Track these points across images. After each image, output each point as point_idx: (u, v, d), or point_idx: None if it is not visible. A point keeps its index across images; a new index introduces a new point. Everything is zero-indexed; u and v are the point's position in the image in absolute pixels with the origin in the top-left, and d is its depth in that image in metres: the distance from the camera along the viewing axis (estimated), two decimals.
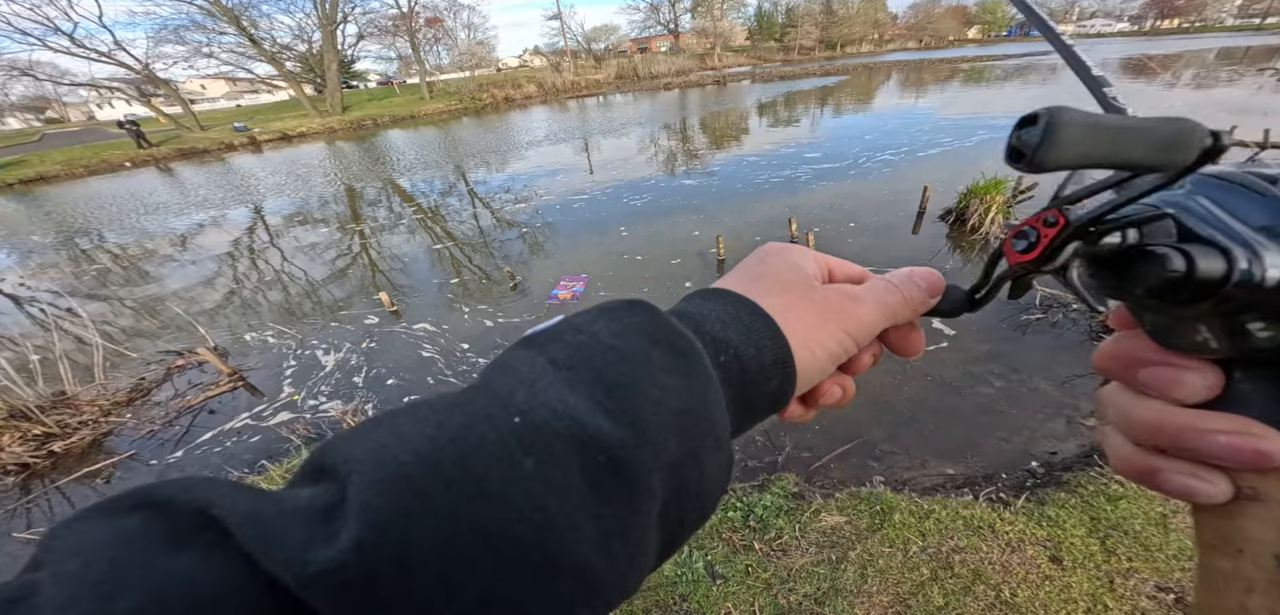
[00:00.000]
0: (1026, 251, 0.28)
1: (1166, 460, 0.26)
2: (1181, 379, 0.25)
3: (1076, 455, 2.79)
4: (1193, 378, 0.25)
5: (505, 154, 15.37)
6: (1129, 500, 2.24)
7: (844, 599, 1.97)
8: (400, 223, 9.14)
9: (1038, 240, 0.27)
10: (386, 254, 7.59)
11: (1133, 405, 0.27)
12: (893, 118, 14.92)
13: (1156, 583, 1.90)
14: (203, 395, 4.21)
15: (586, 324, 0.27)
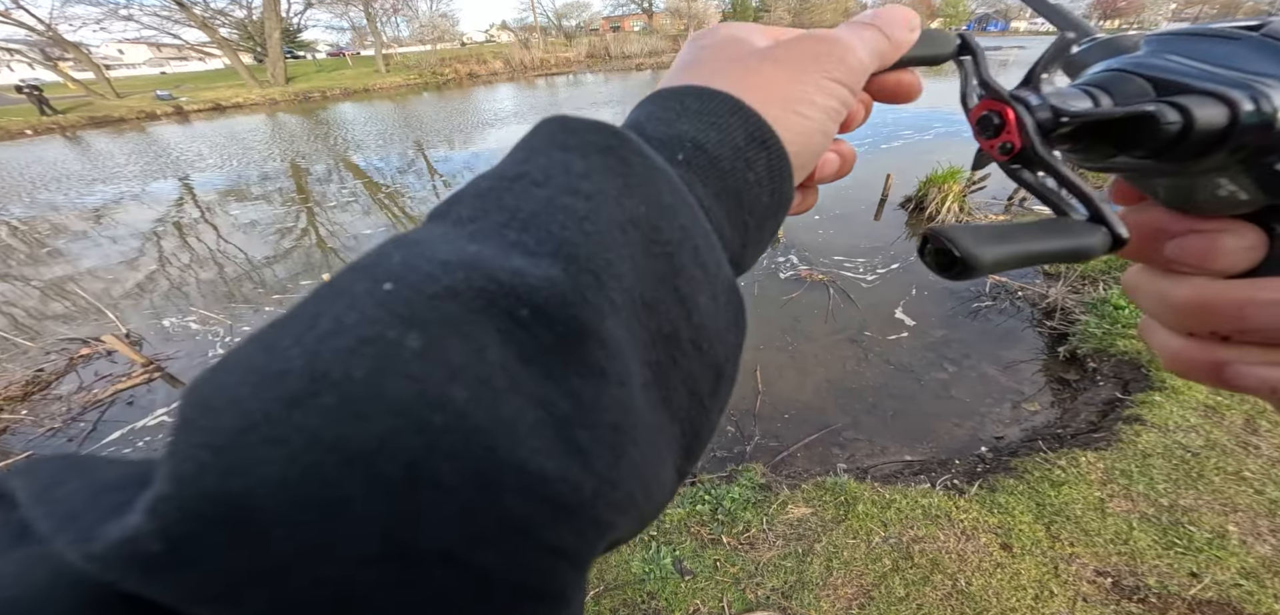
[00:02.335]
0: (994, 136, 0.24)
1: (1233, 348, 0.21)
2: (1218, 244, 0.21)
3: (1021, 440, 2.91)
4: (1229, 240, 0.21)
5: (469, 131, 14.78)
6: (1069, 485, 2.33)
7: (810, 592, 1.96)
8: (354, 201, 8.60)
9: (1001, 124, 0.24)
10: (338, 233, 7.11)
11: (1168, 287, 0.23)
12: None
13: (1096, 567, 1.98)
14: (112, 388, 3.78)
15: (491, 169, 0.20)
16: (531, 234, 0.17)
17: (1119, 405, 2.95)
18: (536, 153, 0.20)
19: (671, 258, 0.18)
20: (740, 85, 0.23)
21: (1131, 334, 3.48)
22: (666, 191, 0.19)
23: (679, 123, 0.22)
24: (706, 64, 0.26)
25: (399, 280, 0.15)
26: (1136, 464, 2.41)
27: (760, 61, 0.25)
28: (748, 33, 0.27)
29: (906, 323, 4.19)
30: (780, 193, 0.23)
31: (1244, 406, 2.69)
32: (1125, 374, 3.24)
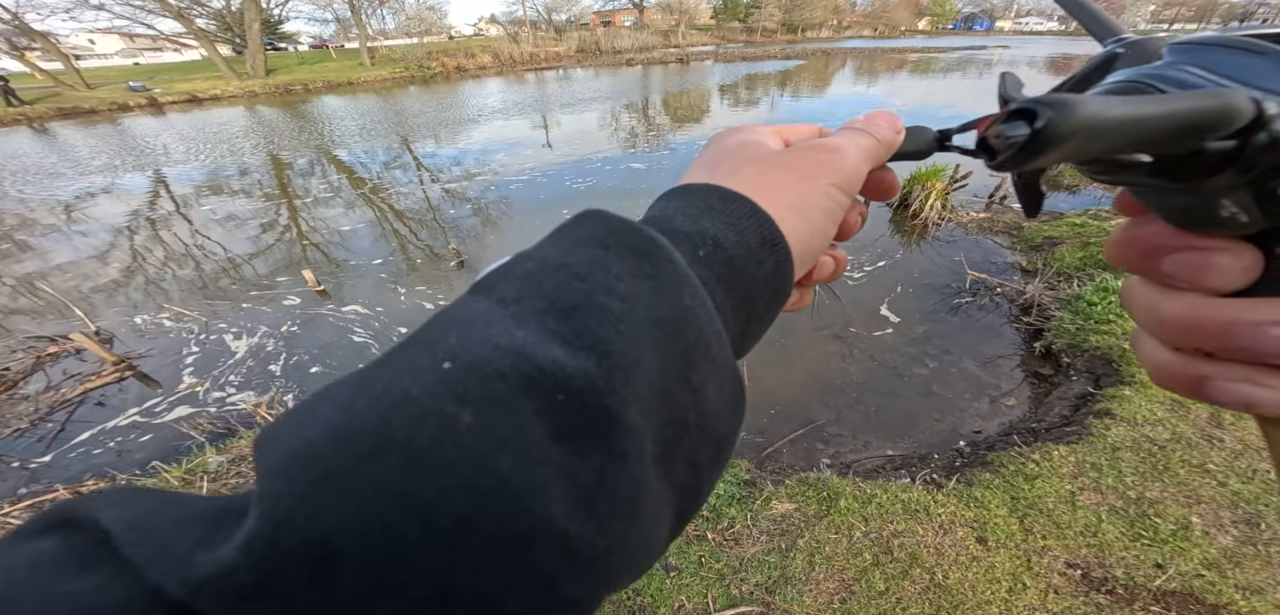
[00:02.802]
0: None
1: (1215, 365, 0.22)
2: (1212, 262, 0.22)
3: (998, 434, 2.97)
4: (1225, 259, 0.21)
5: (456, 126, 14.58)
6: (1042, 479, 2.38)
7: (793, 587, 1.98)
8: (336, 196, 8.44)
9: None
10: (319, 229, 6.98)
11: (1161, 301, 0.24)
12: (845, 105, 15.37)
13: (1066, 559, 2.04)
14: (81, 387, 3.67)
15: (536, 250, 0.23)
16: (571, 325, 0.19)
17: (1090, 400, 3.02)
18: (580, 245, 0.22)
19: (687, 354, 0.21)
20: (756, 187, 0.27)
21: (1104, 330, 3.57)
22: (688, 295, 0.22)
23: (703, 219, 0.25)
24: (727, 164, 0.29)
25: (456, 360, 0.17)
26: (1106, 457, 2.47)
27: (773, 167, 0.28)
28: (763, 137, 0.31)
29: (891, 319, 4.25)
30: (781, 289, 0.26)
31: None
32: (1097, 369, 3.33)
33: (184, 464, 2.76)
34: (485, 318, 0.19)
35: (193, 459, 2.81)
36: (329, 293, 5.07)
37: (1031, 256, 5.22)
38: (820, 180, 0.28)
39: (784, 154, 0.29)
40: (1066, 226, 5.57)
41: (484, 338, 0.18)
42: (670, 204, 0.27)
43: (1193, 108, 0.18)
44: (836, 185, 0.28)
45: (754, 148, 0.30)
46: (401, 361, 0.18)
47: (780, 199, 0.27)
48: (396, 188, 8.75)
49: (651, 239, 0.22)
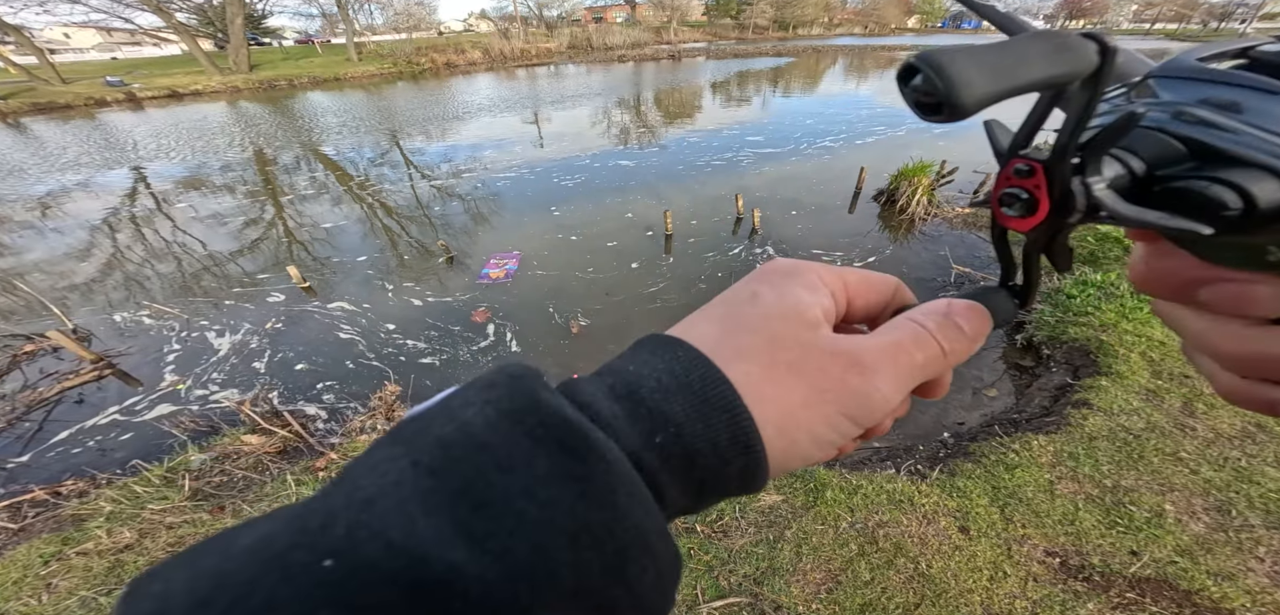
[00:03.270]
0: (1025, 214, 0.23)
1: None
2: (1253, 295, 0.21)
3: (980, 425, 3.02)
4: (1265, 290, 0.20)
5: (446, 122, 14.44)
6: (1022, 468, 2.43)
7: (780, 578, 2.00)
8: (323, 192, 8.33)
9: (1033, 200, 0.22)
10: (305, 226, 6.88)
11: (1211, 332, 0.23)
12: (835, 103, 15.47)
13: (1045, 548, 2.07)
14: (59, 386, 3.59)
15: (459, 406, 0.20)
16: (481, 523, 0.17)
17: (1069, 390, 3.09)
18: (507, 422, 0.20)
19: (621, 553, 0.19)
20: (753, 384, 0.23)
21: (1082, 322, 3.64)
22: (623, 495, 0.20)
23: (674, 401, 0.22)
24: (747, 333, 0.25)
25: (339, 559, 0.16)
26: (1083, 447, 2.52)
27: (791, 359, 0.24)
28: (808, 296, 0.26)
29: None
30: (749, 486, 0.24)
31: (1182, 390, 2.84)
32: (1076, 360, 3.40)
33: (166, 462, 2.72)
34: (389, 496, 0.17)
35: (174, 457, 2.77)
36: (315, 290, 5.01)
37: (1015, 252, 5.32)
38: (829, 406, 0.24)
39: (811, 350, 0.24)
40: None
41: (377, 530, 0.16)
42: (653, 360, 0.24)
43: None
44: (847, 415, 0.24)
45: (785, 324, 0.25)
46: (276, 549, 0.16)
47: (777, 406, 0.23)
48: (385, 184, 8.66)
49: (584, 436, 0.20)
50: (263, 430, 2.83)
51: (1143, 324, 3.52)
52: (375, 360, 3.90)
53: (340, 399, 3.50)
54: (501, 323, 4.33)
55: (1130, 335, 3.42)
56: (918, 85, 0.18)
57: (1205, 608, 1.84)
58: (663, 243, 5.75)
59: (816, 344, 0.24)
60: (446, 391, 0.22)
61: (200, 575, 0.16)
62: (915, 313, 0.27)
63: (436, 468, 0.18)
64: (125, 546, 2.20)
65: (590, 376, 0.24)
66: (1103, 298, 3.90)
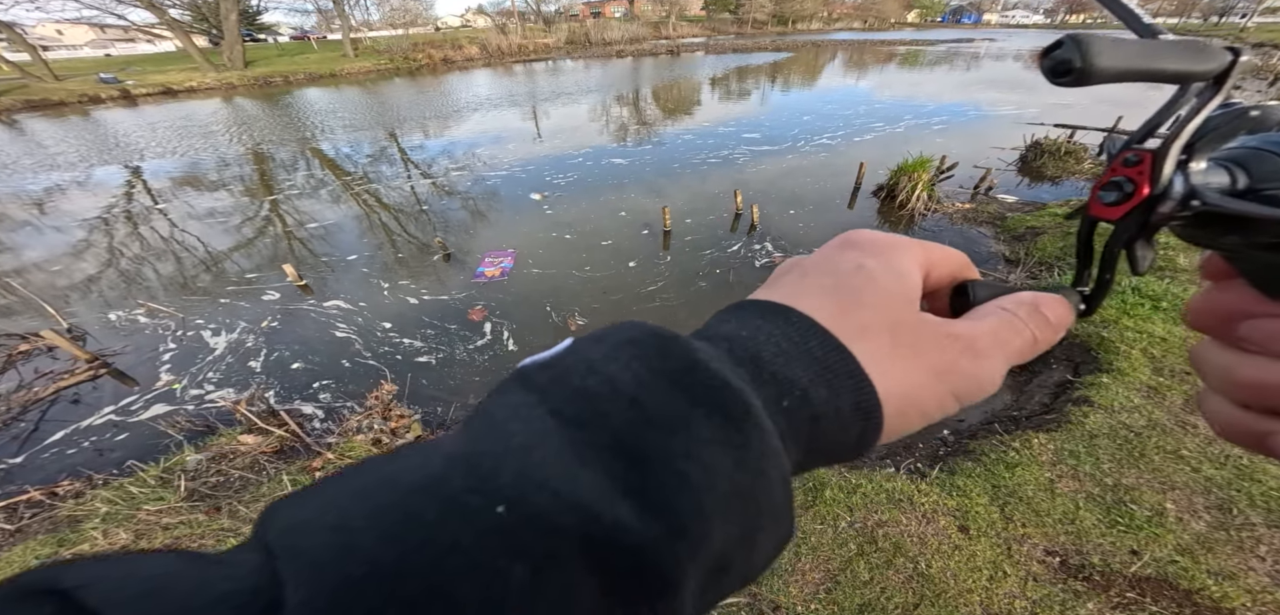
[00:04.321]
0: (1120, 201, 0.24)
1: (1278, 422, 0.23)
2: None
3: (980, 423, 3.00)
4: None
5: (444, 119, 14.38)
6: (1022, 467, 2.41)
7: (779, 578, 1.99)
8: (319, 190, 8.29)
9: (1133, 187, 0.24)
10: (301, 223, 6.84)
11: (1235, 364, 0.24)
12: (833, 98, 15.40)
13: (1045, 547, 2.06)
14: (54, 386, 3.57)
15: (601, 360, 0.20)
16: (641, 478, 0.18)
17: (1070, 388, 3.07)
18: (660, 382, 0.20)
19: (756, 519, 0.20)
20: (878, 361, 0.23)
21: (1083, 319, 3.63)
22: (771, 465, 0.20)
23: (796, 365, 0.22)
24: (862, 308, 0.25)
25: (511, 507, 0.16)
26: (1084, 444, 2.51)
27: (912, 337, 0.25)
28: (905, 265, 0.27)
29: None
30: (861, 449, 0.24)
31: (1184, 387, 2.83)
32: (1076, 357, 3.38)
33: (161, 463, 2.71)
34: (541, 445, 0.18)
35: (170, 457, 2.76)
36: (311, 287, 4.98)
37: (1014, 247, 5.29)
38: (945, 385, 0.24)
39: (924, 328, 0.25)
40: (1047, 217, 5.65)
41: (541, 479, 0.17)
42: (765, 327, 0.24)
43: None
44: (957, 396, 0.25)
45: (894, 301, 0.25)
46: (454, 488, 0.17)
47: (900, 384, 0.23)
48: (381, 181, 8.62)
49: (747, 405, 0.20)
50: (259, 430, 2.81)
51: (1144, 320, 3.51)
52: (371, 359, 3.88)
53: (336, 398, 3.49)
54: (498, 321, 4.31)
55: (1131, 332, 3.41)
56: (1058, 54, 0.21)
57: (1206, 607, 1.82)
58: (660, 240, 5.73)
59: (935, 326, 0.25)
60: (568, 342, 0.22)
61: (381, 511, 0.16)
62: (1006, 301, 0.28)
63: (583, 419, 0.19)
64: (122, 548, 2.18)
65: (700, 340, 0.23)
66: None
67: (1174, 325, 3.43)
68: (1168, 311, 3.59)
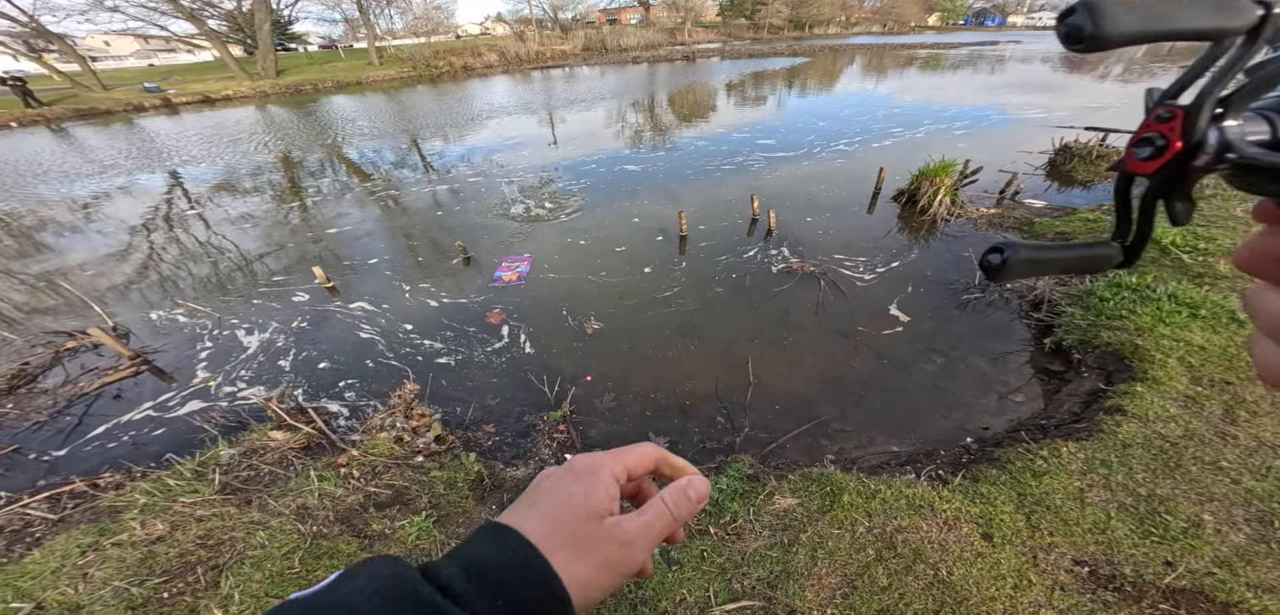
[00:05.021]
0: (1153, 156, 0.25)
1: None
2: None
3: (1005, 431, 2.92)
4: None
5: (463, 125, 14.66)
6: (1051, 476, 2.34)
7: (795, 582, 1.97)
8: (345, 194, 8.54)
9: (1165, 143, 0.25)
10: (328, 227, 7.05)
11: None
12: (850, 103, 15.21)
13: (1073, 556, 1.99)
14: (98, 381, 3.75)
15: (351, 594, 0.29)
16: None
17: (1101, 396, 2.96)
18: (392, 612, 0.29)
19: None
20: (566, 564, 0.35)
21: (1116, 326, 3.50)
22: None
23: (510, 573, 0.33)
24: (561, 530, 0.37)
25: None
26: (1116, 454, 2.42)
27: (588, 551, 0.36)
28: (594, 495, 0.39)
29: (900, 318, 4.21)
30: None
31: (1223, 397, 2.71)
32: (1109, 365, 3.26)
33: (197, 457, 2.82)
34: None
35: (205, 452, 2.87)
36: (337, 289, 5.13)
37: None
38: (610, 572, 0.37)
39: (598, 538, 0.37)
40: (1078, 221, 5.48)
41: None
42: (491, 547, 0.35)
43: None
44: (621, 573, 0.38)
45: (586, 525, 0.37)
46: None
47: (578, 576, 0.35)
48: (403, 186, 8.83)
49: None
50: (288, 426, 2.91)
51: (1181, 328, 3.37)
52: (393, 360, 3.98)
53: (361, 397, 3.58)
54: (516, 324, 4.37)
55: (1167, 340, 3.27)
56: (1071, 21, 0.22)
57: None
58: (676, 246, 5.74)
59: (605, 533, 0.38)
60: (333, 577, 0.31)
61: None
62: (666, 491, 0.42)
63: None
64: (157, 538, 2.28)
65: (448, 560, 0.34)
66: (1138, 301, 3.73)
67: (1214, 333, 3.28)
68: (1207, 319, 3.44)
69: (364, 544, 2.26)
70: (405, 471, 2.69)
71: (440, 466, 2.77)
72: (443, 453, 2.90)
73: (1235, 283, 3.84)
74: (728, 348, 3.92)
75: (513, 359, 3.94)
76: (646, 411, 3.31)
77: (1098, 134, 8.75)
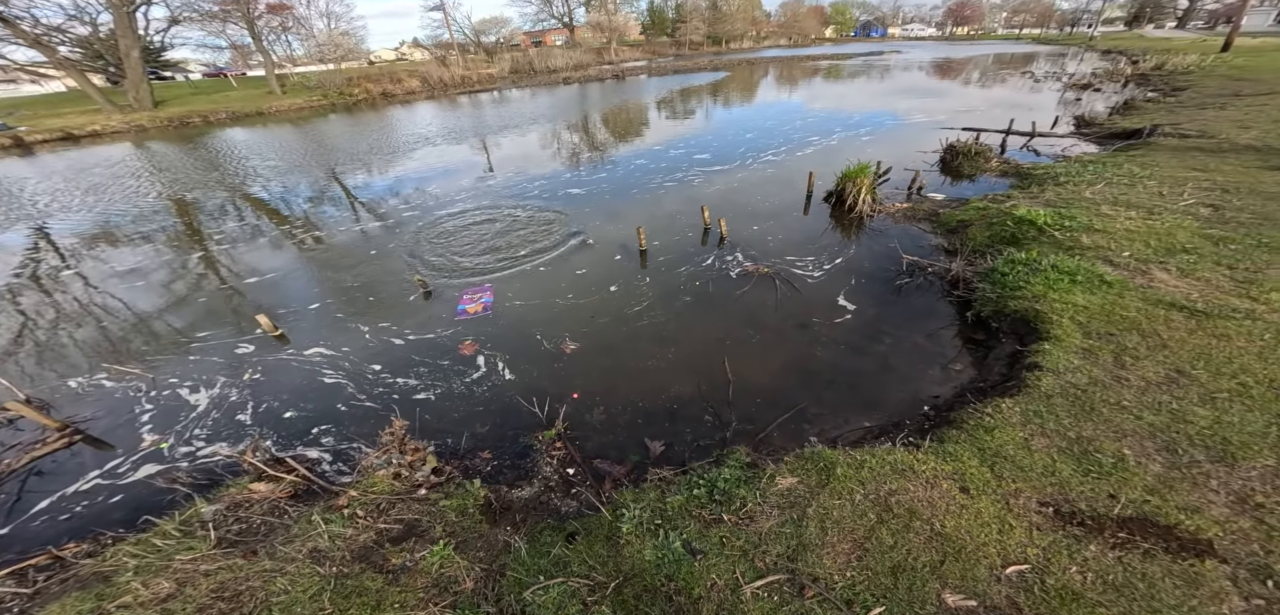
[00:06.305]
0: None
1: None
2: None
3: (953, 396, 3.33)
4: None
5: (389, 155, 13.93)
6: (1000, 430, 2.68)
7: (812, 553, 2.13)
8: (259, 238, 7.84)
9: None
10: (247, 275, 6.45)
11: None
12: (771, 114, 16.35)
13: (1038, 499, 2.28)
14: (27, 456, 3.24)
15: None
16: None
17: (1021, 356, 3.45)
18: None
19: None
20: None
21: (1018, 296, 4.09)
22: None
23: None
24: None
25: None
26: (1044, 405, 2.83)
27: None
28: None
29: (848, 308, 4.66)
30: None
31: (1111, 346, 3.28)
32: (1020, 330, 3.80)
33: (177, 517, 2.60)
34: None
35: (184, 510, 2.65)
36: (287, 337, 4.75)
37: (950, 238, 5.88)
38: None
39: None
40: (972, 211, 6.31)
41: None
42: None
43: None
44: None
45: None
46: None
47: None
48: (329, 224, 8.28)
49: None
50: (269, 477, 2.70)
51: (1066, 293, 3.97)
52: (368, 401, 3.77)
53: (341, 440, 3.38)
54: (491, 353, 4.30)
55: (1059, 303, 3.85)
56: None
57: (1187, 540, 2.05)
58: (637, 261, 5.91)
59: None
60: None
61: None
62: None
63: None
64: (167, 596, 2.08)
65: None
66: (1030, 273, 4.36)
67: (1091, 294, 3.92)
68: (1083, 283, 4.08)
69: (389, 579, 2.17)
70: (411, 505, 2.60)
71: (447, 496, 2.71)
72: (444, 483, 2.83)
73: (1099, 251, 4.65)
74: (703, 350, 4.13)
75: (495, 386, 3.88)
76: (638, 420, 3.42)
77: (973, 133, 10.20)
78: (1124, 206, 5.68)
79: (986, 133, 10.48)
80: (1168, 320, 3.50)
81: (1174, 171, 6.70)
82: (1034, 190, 6.78)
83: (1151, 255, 4.48)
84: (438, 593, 2.12)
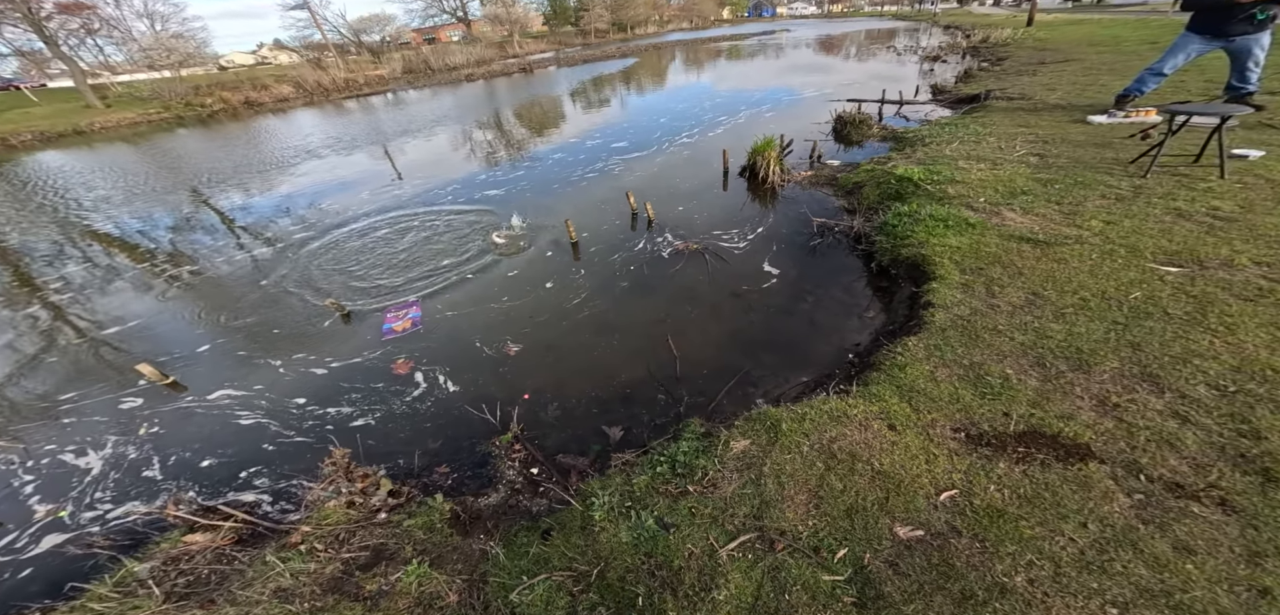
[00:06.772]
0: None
1: None
2: None
3: (871, 341, 3.73)
4: None
5: (268, 171, 12.39)
6: (910, 366, 3.00)
7: (774, 509, 2.29)
8: (114, 279, 6.70)
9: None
10: (107, 325, 5.52)
11: None
12: (681, 97, 16.79)
13: (950, 426, 2.53)
14: None
15: None
16: None
17: (918, 297, 3.91)
18: None
19: None
20: None
21: (907, 244, 4.60)
22: None
23: None
24: None
25: None
26: (939, 338, 3.23)
27: None
28: None
29: (773, 273, 5.02)
30: None
31: (981, 280, 3.80)
32: (913, 274, 4.30)
33: (108, 580, 2.30)
34: None
35: (113, 573, 2.36)
36: (182, 384, 4.15)
37: (849, 199, 6.50)
38: None
39: None
40: (863, 173, 6.98)
41: None
42: None
43: None
44: None
45: None
46: None
47: None
48: (203, 255, 7.29)
49: None
50: (204, 526, 2.43)
51: (942, 237, 4.52)
52: (298, 436, 3.45)
53: (277, 479, 3.10)
54: (428, 368, 4.11)
55: (938, 246, 4.38)
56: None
57: (1070, 446, 2.32)
58: (570, 254, 5.89)
59: None
60: None
61: None
62: None
63: None
64: None
65: None
66: (913, 223, 4.95)
67: (961, 236, 4.47)
68: (954, 227, 4.67)
69: (367, 606, 2.07)
70: (373, 531, 2.46)
71: (410, 515, 2.60)
72: (404, 503, 2.70)
73: (962, 199, 5.39)
74: (647, 332, 4.26)
75: (439, 400, 3.73)
76: (593, 409, 3.47)
77: (855, 104, 11.33)
78: (975, 160, 6.56)
79: (866, 103, 11.64)
80: (1020, 252, 4.13)
81: (1007, 129, 7.79)
82: (908, 151, 7.58)
83: (1000, 199, 5.24)
84: (422, 610, 2.07)
